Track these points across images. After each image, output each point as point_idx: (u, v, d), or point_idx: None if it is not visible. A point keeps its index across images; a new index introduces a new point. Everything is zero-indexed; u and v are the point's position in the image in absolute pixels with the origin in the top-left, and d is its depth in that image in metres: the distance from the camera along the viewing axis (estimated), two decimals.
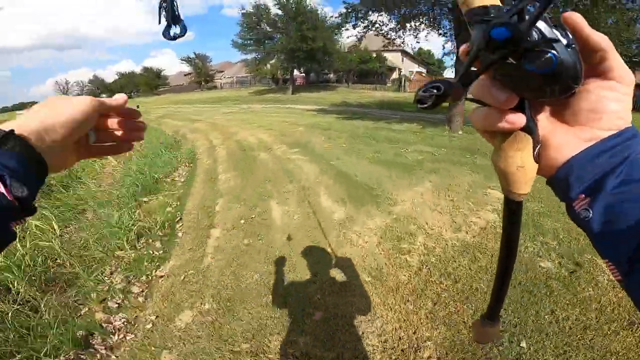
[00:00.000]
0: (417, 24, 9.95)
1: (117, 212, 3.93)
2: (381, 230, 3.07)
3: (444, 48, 10.99)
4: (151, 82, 54.31)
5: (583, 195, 0.26)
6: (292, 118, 11.24)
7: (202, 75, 48.55)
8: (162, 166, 6.19)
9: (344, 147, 6.00)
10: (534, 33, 0.24)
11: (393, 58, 37.40)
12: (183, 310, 2.36)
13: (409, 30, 10.04)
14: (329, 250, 2.82)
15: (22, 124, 0.33)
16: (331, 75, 37.70)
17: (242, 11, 24.80)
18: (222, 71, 51.87)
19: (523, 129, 0.29)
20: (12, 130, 0.31)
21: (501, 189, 0.33)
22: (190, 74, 52.69)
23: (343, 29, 11.88)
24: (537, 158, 0.30)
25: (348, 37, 14.12)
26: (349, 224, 3.21)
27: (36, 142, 0.33)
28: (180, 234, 3.49)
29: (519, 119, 0.28)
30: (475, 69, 0.26)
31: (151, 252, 3.16)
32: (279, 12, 23.98)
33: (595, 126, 0.27)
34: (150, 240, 3.40)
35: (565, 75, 0.25)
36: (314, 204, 3.65)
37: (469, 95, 0.30)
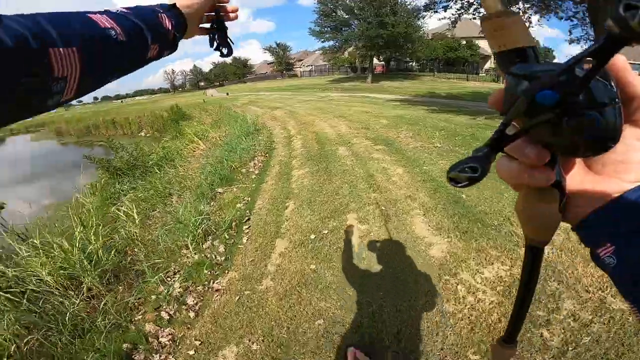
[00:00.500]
0: (527, 6, 8.12)
1: (188, 205, 3.76)
2: (504, 284, 2.07)
3: (570, 34, 8.84)
4: (239, 71, 58.51)
5: (608, 244, 0.25)
6: (373, 108, 10.24)
7: (282, 64, 50.26)
8: (240, 154, 6.06)
9: (438, 149, 4.99)
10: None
11: (487, 45, 33.15)
12: (229, 343, 1.96)
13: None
14: (420, 303, 2.02)
15: (178, 1, 0.60)
16: (413, 64, 35.21)
17: None
18: (301, 60, 52.88)
19: (551, 184, 0.28)
20: (174, 4, 0.59)
21: (523, 235, 0.32)
22: (272, 63, 55.05)
23: (431, 11, 10.46)
24: (562, 209, 0.29)
25: (440, 20, 12.47)
26: (453, 267, 2.28)
27: (184, 10, 0.60)
28: (245, 240, 3.13)
29: (548, 177, 0.27)
30: (509, 132, 0.25)
31: (214, 257, 2.86)
32: None
33: (623, 178, 0.26)
34: (216, 243, 3.10)
35: (605, 136, 0.23)
36: (404, 229, 2.84)
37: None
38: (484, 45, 32.70)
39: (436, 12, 10.25)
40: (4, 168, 16.63)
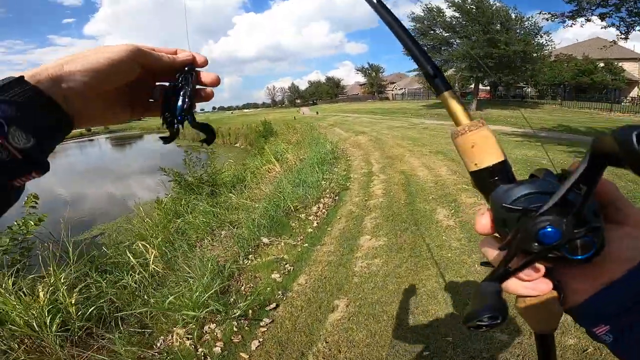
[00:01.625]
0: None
1: (211, 261, 2.61)
2: None
3: None
4: (331, 90, 60.03)
5: (603, 325, 0.27)
6: None
7: (374, 85, 49.28)
8: (305, 191, 4.83)
9: None
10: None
11: (633, 68, 26.21)
12: None
13: None
14: None
15: (41, 70, 0.30)
16: (528, 89, 30.03)
17: (412, 15, 22.20)
18: (393, 82, 51.13)
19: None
20: (22, 77, 0.28)
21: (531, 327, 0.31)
22: (364, 84, 54.75)
23: (564, 25, 7.88)
24: (561, 302, 0.29)
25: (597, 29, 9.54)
26: None
27: (51, 88, 0.30)
28: (260, 340, 1.79)
29: (546, 287, 0.27)
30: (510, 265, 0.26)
31: None
32: (455, 14, 20.01)
33: (611, 270, 0.27)
34: (218, 336, 1.84)
35: (598, 249, 0.24)
36: None
37: (484, 260, 0.30)
38: (629, 68, 25.99)
39: (589, 20, 7.58)
40: (131, 161, 19.34)
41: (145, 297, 2.68)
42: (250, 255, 3.39)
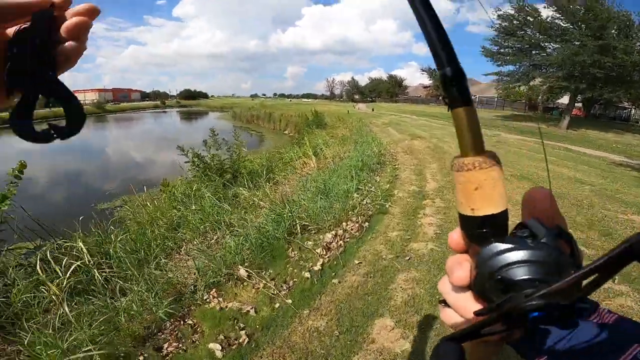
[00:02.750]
0: None
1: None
2: None
3: None
4: (392, 89, 57.36)
5: (543, 356, 0.27)
6: (592, 176, 5.62)
7: (440, 88, 45.70)
8: (329, 203, 3.45)
9: None
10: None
11: None
12: None
13: None
14: None
15: None
16: (632, 111, 24.72)
17: (499, 12, 18.69)
18: None
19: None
20: None
21: None
22: (428, 86, 51.24)
23: None
24: (504, 338, 0.27)
25: None
26: None
27: None
28: None
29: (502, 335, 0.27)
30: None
31: None
32: (555, 14, 16.31)
33: None
34: None
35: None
36: None
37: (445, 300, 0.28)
38: None
39: None
40: (193, 133, 19.69)
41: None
42: (212, 291, 2.16)
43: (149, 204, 4.73)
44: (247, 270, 2.43)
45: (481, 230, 0.23)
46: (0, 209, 2.65)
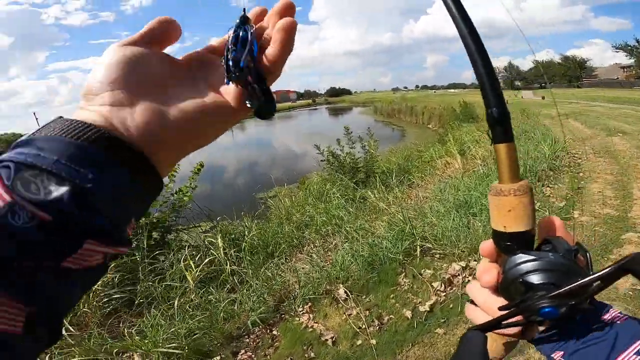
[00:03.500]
0: None
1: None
2: None
3: None
4: (570, 72, 44.23)
5: (557, 352, 0.30)
6: None
7: None
8: (468, 221, 2.72)
9: None
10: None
11: None
12: None
13: None
14: None
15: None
16: None
17: None
18: None
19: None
20: (90, 126, 0.20)
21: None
22: (628, 67, 36.67)
23: None
24: (523, 335, 0.31)
25: None
26: None
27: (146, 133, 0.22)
28: None
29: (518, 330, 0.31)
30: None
31: None
32: None
33: None
34: None
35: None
36: None
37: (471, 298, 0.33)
38: None
39: None
40: (340, 128, 21.45)
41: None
42: (308, 304, 2.01)
43: (287, 200, 5.11)
44: (346, 291, 2.15)
45: (510, 244, 0.28)
46: (183, 200, 3.31)
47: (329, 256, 2.78)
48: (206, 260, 2.41)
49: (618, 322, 0.29)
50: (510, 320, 0.28)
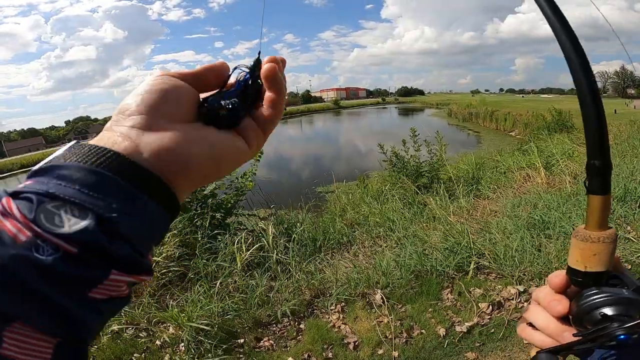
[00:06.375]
0: None
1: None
2: None
3: None
4: None
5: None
6: None
7: None
8: (539, 243, 2.26)
9: None
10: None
11: None
12: None
13: None
14: None
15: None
16: None
17: None
18: None
19: None
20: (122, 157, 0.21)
21: None
22: None
23: None
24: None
25: None
26: None
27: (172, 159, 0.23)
28: None
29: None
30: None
31: None
32: None
33: None
34: None
35: None
36: None
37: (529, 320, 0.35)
38: None
39: None
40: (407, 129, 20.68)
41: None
42: (341, 303, 1.89)
43: (343, 196, 5.01)
44: (383, 297, 1.96)
45: (587, 281, 0.29)
46: (246, 185, 3.41)
47: (374, 258, 2.61)
48: (256, 246, 2.47)
49: None
50: (581, 346, 0.29)
